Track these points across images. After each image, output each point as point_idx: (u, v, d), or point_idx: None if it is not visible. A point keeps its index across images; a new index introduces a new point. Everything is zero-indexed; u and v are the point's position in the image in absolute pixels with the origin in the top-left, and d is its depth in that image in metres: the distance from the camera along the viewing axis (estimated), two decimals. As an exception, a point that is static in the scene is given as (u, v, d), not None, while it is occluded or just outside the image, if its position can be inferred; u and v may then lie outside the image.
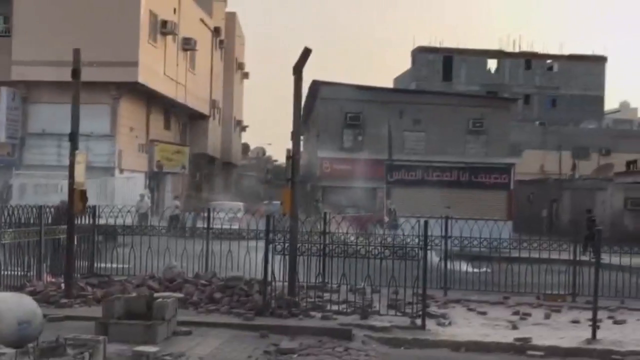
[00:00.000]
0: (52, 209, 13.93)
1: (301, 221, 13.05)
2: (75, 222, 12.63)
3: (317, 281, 13.00)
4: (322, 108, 37.22)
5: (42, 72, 30.67)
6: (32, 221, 12.80)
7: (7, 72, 31.01)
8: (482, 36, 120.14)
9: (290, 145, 12.65)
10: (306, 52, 11.67)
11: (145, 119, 35.22)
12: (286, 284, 11.95)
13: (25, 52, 30.95)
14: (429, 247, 11.85)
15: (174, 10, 35.75)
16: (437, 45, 60.17)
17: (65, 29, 30.14)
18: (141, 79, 31.43)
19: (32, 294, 11.50)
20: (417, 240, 12.11)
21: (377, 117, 35.15)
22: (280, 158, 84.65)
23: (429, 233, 11.74)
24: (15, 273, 12.45)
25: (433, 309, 12.38)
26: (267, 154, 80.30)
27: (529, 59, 61.55)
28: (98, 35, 29.64)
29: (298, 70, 11.91)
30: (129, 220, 16.94)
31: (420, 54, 59.61)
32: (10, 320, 8.25)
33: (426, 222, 11.23)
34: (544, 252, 14.68)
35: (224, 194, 51.63)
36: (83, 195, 12.02)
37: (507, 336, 10.62)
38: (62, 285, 12.29)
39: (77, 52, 11.75)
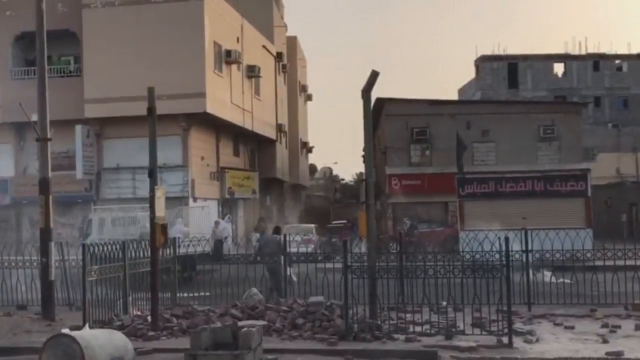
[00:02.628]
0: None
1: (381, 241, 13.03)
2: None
3: (397, 302, 12.92)
4: (388, 124, 37.18)
5: (113, 109, 31.71)
6: (117, 255, 13.17)
7: (81, 110, 32.09)
8: (546, 40, 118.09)
9: (357, 164, 12.69)
10: (374, 75, 11.69)
11: (215, 148, 35.87)
12: (367, 306, 11.92)
13: (96, 90, 32.03)
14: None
15: (237, 39, 36.40)
16: (501, 52, 59.45)
17: (133, 65, 31.11)
18: (209, 109, 32.07)
19: (120, 328, 11.82)
20: (497, 256, 11.93)
21: (444, 130, 34.90)
22: (347, 177, 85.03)
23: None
24: (103, 308, 12.81)
25: (518, 325, 12.13)
26: (334, 173, 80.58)
27: (597, 61, 60.12)
28: (165, 68, 30.44)
29: (366, 93, 11.94)
30: (206, 248, 17.33)
31: (484, 62, 58.96)
32: (104, 357, 8.50)
33: (507, 238, 11.02)
34: (629, 259, 14.23)
35: (294, 216, 52.10)
36: (164, 229, 12.30)
37: (598, 350, 10.31)
38: (148, 318, 12.55)
39: (151, 91, 12.06)
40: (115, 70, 31.47)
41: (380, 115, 38.38)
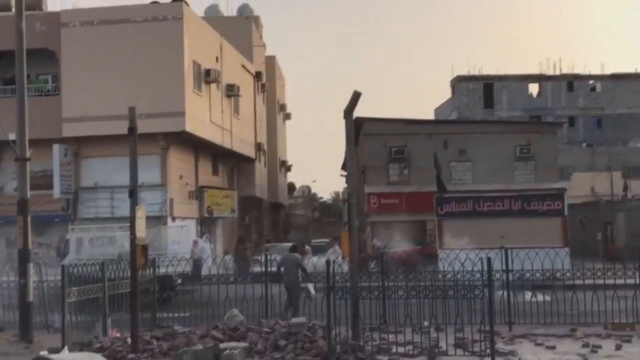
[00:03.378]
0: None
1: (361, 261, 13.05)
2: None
3: (379, 322, 12.93)
4: (367, 144, 37.32)
5: (91, 127, 31.45)
6: (97, 276, 13.06)
7: (59, 130, 31.82)
8: (521, 61, 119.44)
9: (335, 182, 12.76)
10: (356, 96, 11.77)
11: (193, 166, 35.72)
12: (349, 326, 11.90)
13: (74, 109, 31.78)
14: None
15: (217, 58, 36.41)
16: (477, 73, 60.09)
17: (112, 83, 30.95)
18: (188, 128, 31.97)
19: (99, 350, 11.69)
20: (478, 275, 12.01)
21: (422, 149, 35.11)
22: (325, 195, 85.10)
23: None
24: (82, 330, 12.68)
25: (500, 345, 12.16)
26: (313, 191, 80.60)
27: (571, 81, 60.99)
28: (144, 87, 30.34)
29: (349, 113, 12.01)
30: (185, 268, 17.24)
31: (460, 82, 59.57)
32: (85, 381, 8.39)
33: (489, 258, 11.10)
34: (609, 279, 14.38)
35: (273, 234, 51.96)
36: (145, 250, 12.22)
37: (580, 371, 10.38)
38: (128, 340, 12.42)
39: (132, 110, 12.02)
40: (94, 89, 31.26)
41: (358, 134, 38.55)
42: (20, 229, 14.17)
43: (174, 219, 31.77)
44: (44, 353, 11.81)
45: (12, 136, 15.01)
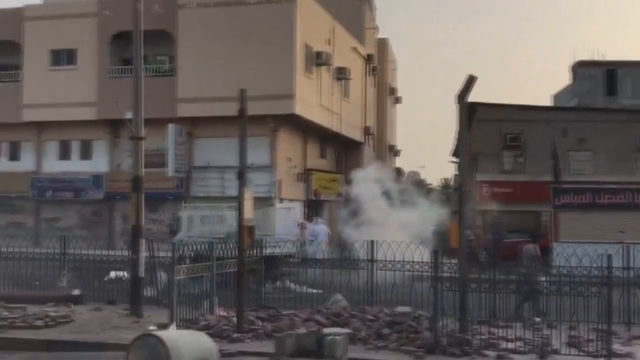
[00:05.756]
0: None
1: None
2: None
3: (488, 316, 12.45)
4: (479, 130, 36.25)
5: (205, 108, 32.23)
6: (205, 255, 13.26)
7: (174, 110, 32.76)
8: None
9: (445, 168, 12.32)
10: (470, 80, 11.27)
11: (301, 149, 35.94)
12: (456, 319, 11.50)
13: (188, 90, 32.66)
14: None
15: (328, 41, 36.33)
16: (599, 58, 57.26)
17: (224, 65, 31.52)
18: (298, 111, 32.13)
19: (205, 328, 11.83)
20: (595, 272, 11.32)
21: (539, 137, 33.79)
22: (434, 181, 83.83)
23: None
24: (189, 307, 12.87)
25: (617, 346, 11.45)
26: (421, 177, 79.54)
27: (703, 67, 57.03)
28: (255, 70, 30.68)
29: (462, 98, 11.53)
30: (292, 250, 17.31)
31: (581, 68, 56.86)
32: (189, 359, 8.43)
33: (609, 255, 10.41)
34: None
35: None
36: (251, 231, 12.25)
37: None
38: (233, 319, 12.52)
39: (243, 92, 12.02)
40: (207, 70, 31.98)
41: (471, 119, 37.53)
42: (133, 205, 14.52)
43: (281, 200, 32.08)
44: (152, 328, 12.08)
45: (128, 115, 15.39)
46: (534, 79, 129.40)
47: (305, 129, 35.54)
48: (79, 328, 12.65)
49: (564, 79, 60.79)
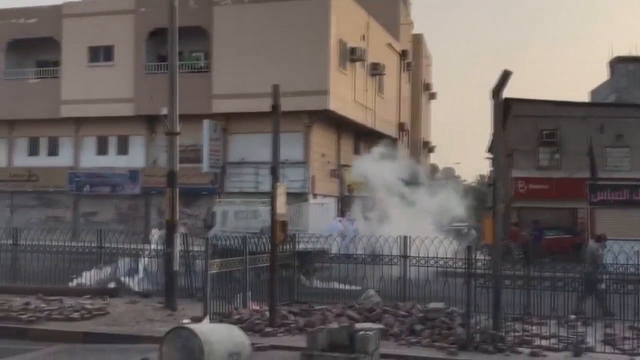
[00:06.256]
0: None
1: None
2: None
3: (522, 312, 12.34)
4: (515, 126, 35.87)
5: (239, 104, 32.41)
6: (239, 249, 13.36)
7: (208, 106, 33.01)
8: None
9: (480, 164, 12.22)
10: (505, 75, 11.16)
11: (335, 145, 35.94)
12: (489, 315, 11.42)
13: (223, 86, 32.88)
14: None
15: (362, 36, 36.27)
16: (638, 54, 56.25)
17: (259, 61, 31.65)
18: (332, 106, 32.14)
19: (238, 322, 11.91)
20: (632, 269, 11.16)
21: (575, 133, 33.33)
22: (469, 178, 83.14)
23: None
24: (223, 301, 12.98)
25: (653, 344, 11.26)
26: (456, 174, 78.97)
27: None
28: (290, 65, 30.77)
29: (497, 94, 11.42)
30: (325, 246, 17.29)
31: (619, 64, 55.97)
32: (222, 353, 8.52)
33: (646, 253, 10.25)
34: None
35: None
36: (284, 226, 12.29)
37: None
38: (266, 314, 12.59)
39: (276, 88, 12.06)
40: (242, 66, 32.14)
41: (507, 115, 37.13)
42: (168, 200, 14.68)
43: (315, 196, 32.13)
44: (186, 321, 12.20)
45: (164, 111, 15.54)
46: (571, 75, 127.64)
47: (339, 124, 35.53)
48: (114, 320, 12.85)
49: (602, 75, 59.83)
